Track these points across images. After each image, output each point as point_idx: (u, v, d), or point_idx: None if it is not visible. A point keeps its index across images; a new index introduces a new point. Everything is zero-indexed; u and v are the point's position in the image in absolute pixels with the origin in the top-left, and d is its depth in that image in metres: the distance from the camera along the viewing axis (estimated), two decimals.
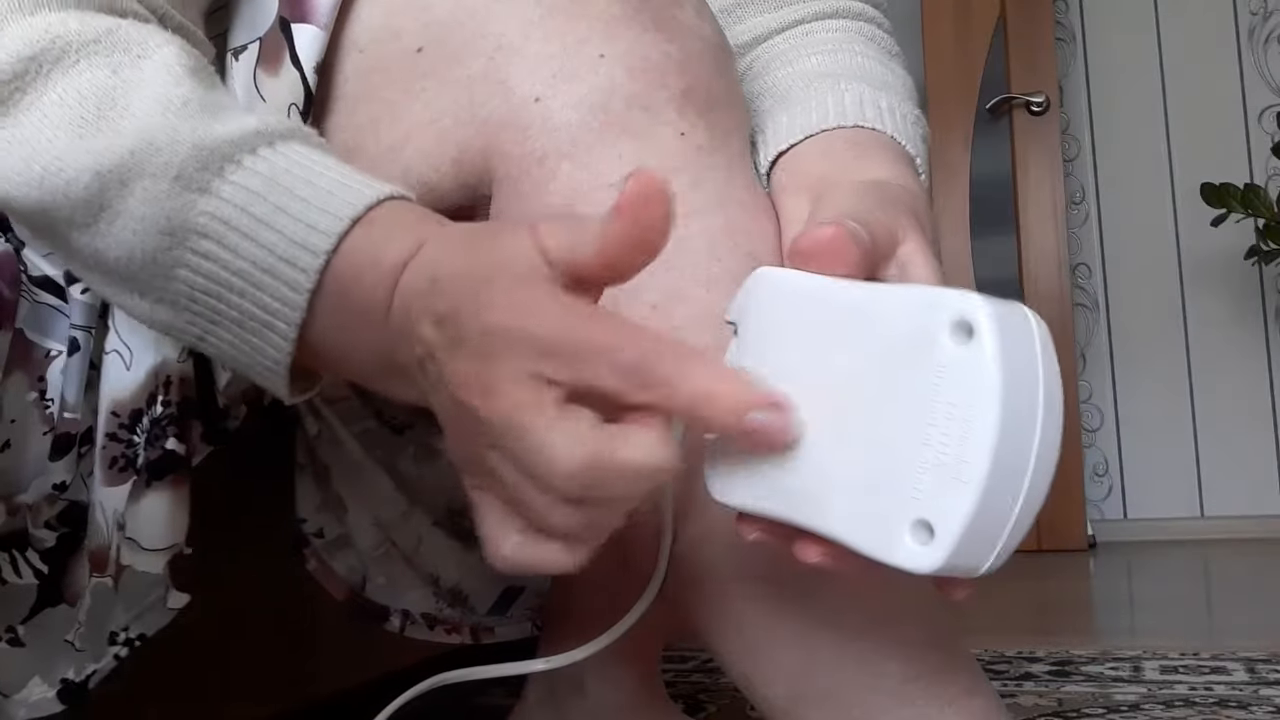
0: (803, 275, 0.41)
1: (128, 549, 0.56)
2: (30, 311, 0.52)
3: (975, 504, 0.35)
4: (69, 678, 0.58)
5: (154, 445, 0.54)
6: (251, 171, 0.43)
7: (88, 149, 0.43)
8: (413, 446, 0.69)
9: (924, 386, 0.36)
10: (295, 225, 0.42)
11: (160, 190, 0.43)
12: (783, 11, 0.65)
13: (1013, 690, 1.03)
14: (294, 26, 0.52)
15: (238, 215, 0.42)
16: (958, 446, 0.35)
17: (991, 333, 0.35)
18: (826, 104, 0.56)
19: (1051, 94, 2.79)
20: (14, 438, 0.50)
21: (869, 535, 0.38)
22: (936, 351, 0.36)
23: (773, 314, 0.42)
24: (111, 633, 0.59)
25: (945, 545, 0.35)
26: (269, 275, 0.42)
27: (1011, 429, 0.35)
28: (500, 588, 0.78)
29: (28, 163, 0.44)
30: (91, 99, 0.44)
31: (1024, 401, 0.35)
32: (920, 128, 0.58)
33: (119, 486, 0.55)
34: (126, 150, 0.43)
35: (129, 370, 0.54)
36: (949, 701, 0.50)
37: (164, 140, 0.43)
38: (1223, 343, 2.81)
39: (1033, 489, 0.36)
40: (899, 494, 0.37)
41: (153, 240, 0.43)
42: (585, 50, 0.49)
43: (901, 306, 0.38)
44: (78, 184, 0.43)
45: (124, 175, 0.43)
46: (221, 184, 0.43)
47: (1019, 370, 0.35)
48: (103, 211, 0.44)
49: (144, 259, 0.44)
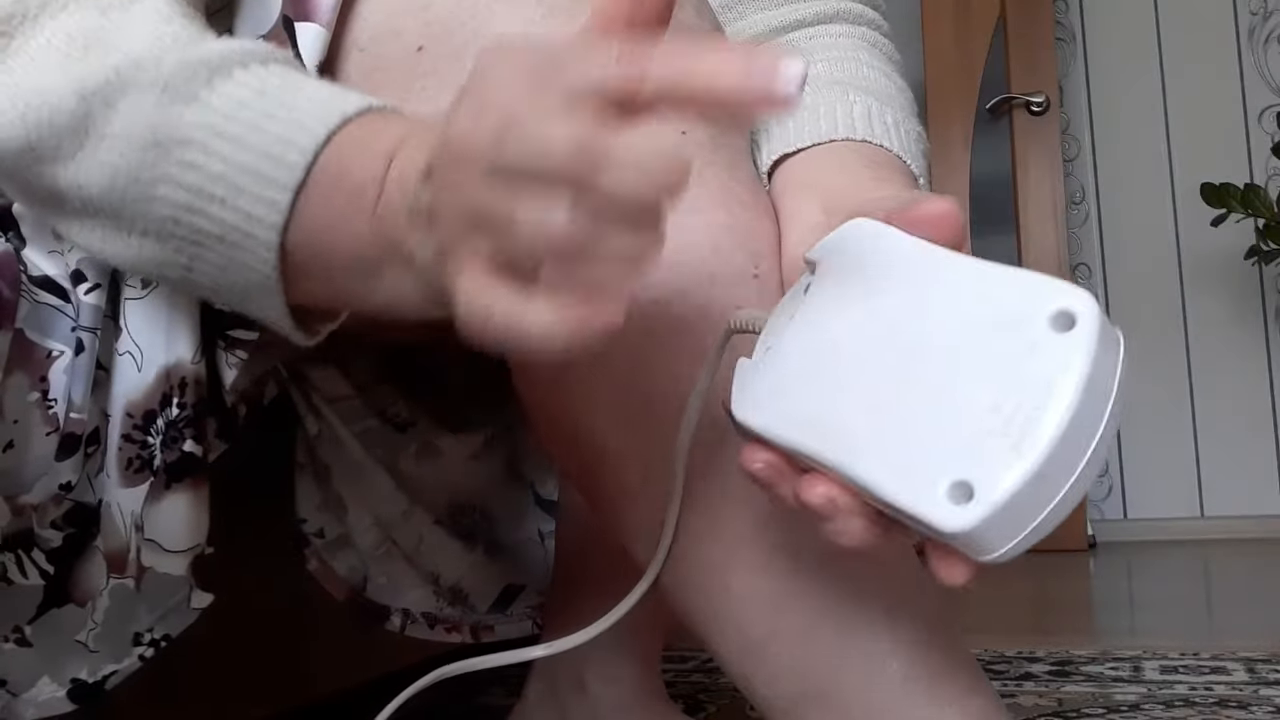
0: (906, 235, 0.41)
1: (149, 551, 0.56)
2: (31, 312, 0.52)
3: (1026, 478, 0.35)
4: (81, 678, 0.58)
5: (171, 447, 0.55)
6: (240, 83, 0.43)
7: (71, 74, 0.43)
8: (414, 445, 0.69)
9: (1009, 357, 0.36)
10: (282, 126, 0.42)
11: (146, 103, 0.43)
12: (783, 10, 0.65)
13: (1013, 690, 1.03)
14: (297, 25, 0.52)
15: (224, 123, 0.42)
16: (1025, 421, 0.35)
17: (1092, 329, 0.35)
18: (835, 113, 0.56)
19: (1051, 94, 2.79)
20: (17, 438, 0.50)
21: (900, 483, 0.37)
22: (1032, 330, 0.36)
23: (862, 260, 0.41)
24: (136, 634, 0.59)
25: (981, 511, 0.35)
26: (252, 176, 0.42)
27: (1079, 424, 0.35)
28: (500, 586, 0.78)
29: (13, 101, 0.44)
30: (79, 38, 0.44)
31: (1097, 406, 0.36)
32: (922, 144, 0.58)
33: (136, 488, 0.55)
34: (112, 69, 0.43)
35: (140, 371, 0.54)
36: (949, 701, 0.50)
37: (150, 58, 0.43)
38: (1223, 343, 2.81)
39: (1071, 491, 0.36)
40: (948, 450, 0.36)
41: (136, 156, 0.43)
42: None
43: (1009, 283, 0.38)
44: (62, 110, 0.43)
45: (108, 95, 0.43)
46: (210, 94, 0.42)
47: (1101, 375, 0.35)
48: (87, 136, 0.43)
49: (127, 180, 0.43)
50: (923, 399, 0.37)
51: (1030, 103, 2.79)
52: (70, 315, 0.53)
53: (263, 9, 0.53)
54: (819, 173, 0.53)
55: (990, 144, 2.88)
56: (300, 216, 0.42)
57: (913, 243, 0.41)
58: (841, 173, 0.53)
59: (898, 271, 0.40)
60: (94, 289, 0.54)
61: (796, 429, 0.40)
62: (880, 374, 0.38)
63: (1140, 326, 2.83)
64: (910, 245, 0.41)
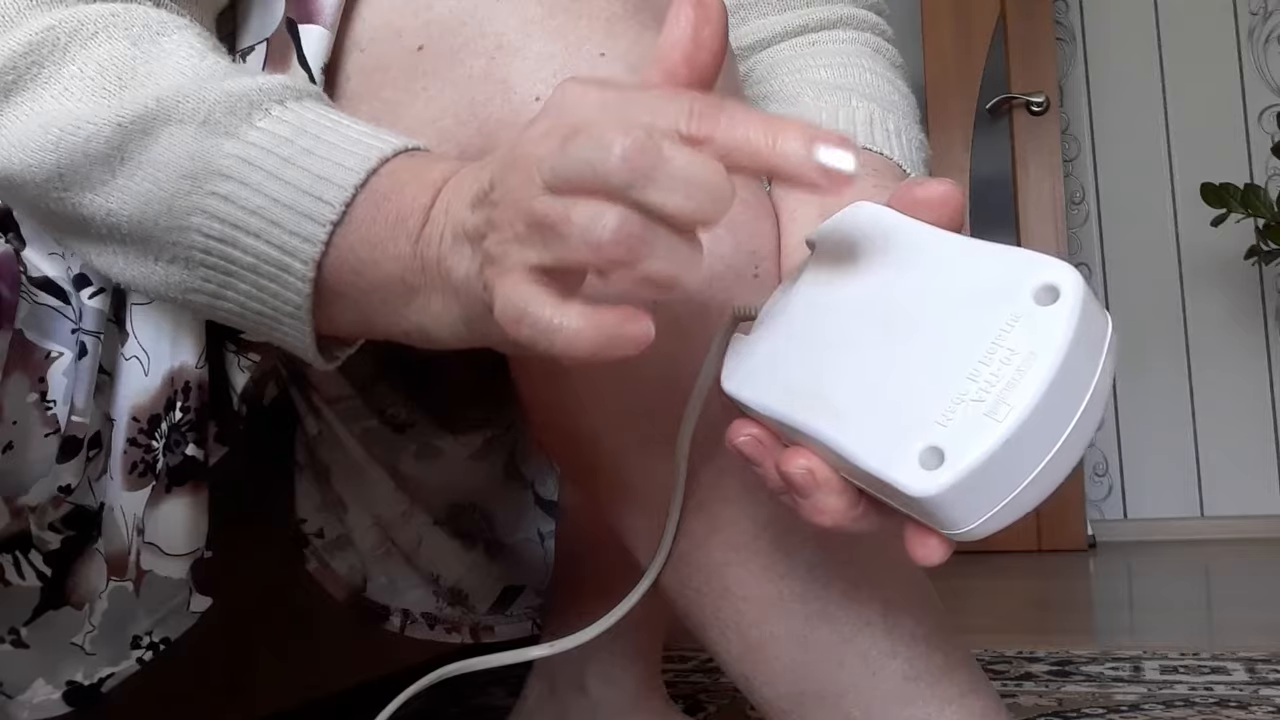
0: (902, 216, 0.41)
1: (149, 554, 0.56)
2: (30, 313, 0.51)
3: (997, 445, 0.35)
4: (77, 680, 0.58)
5: (174, 451, 0.55)
6: (279, 119, 0.44)
7: (107, 104, 0.44)
8: (413, 445, 0.69)
9: (991, 328, 0.36)
10: (322, 163, 0.43)
11: (186, 135, 0.43)
12: (786, 15, 0.65)
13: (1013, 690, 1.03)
14: (300, 27, 0.52)
15: (263, 156, 0.43)
16: (1003, 389, 0.35)
17: (1075, 302, 0.35)
18: (837, 120, 0.56)
19: (1051, 94, 2.79)
20: (16, 439, 0.50)
21: (875, 449, 0.37)
22: (1016, 303, 0.36)
23: (857, 241, 0.42)
24: (134, 636, 0.59)
25: (949, 476, 0.35)
26: (290, 210, 0.43)
27: (1058, 396, 0.35)
28: (500, 587, 0.78)
29: (45, 129, 0.45)
30: (112, 69, 0.45)
31: (1078, 382, 0.35)
32: (924, 152, 0.58)
33: (138, 491, 0.55)
34: (152, 99, 0.44)
35: (147, 376, 0.54)
36: (949, 701, 0.50)
37: (192, 89, 0.44)
38: (1223, 343, 2.81)
39: (1048, 470, 0.36)
40: (924, 417, 0.36)
41: (171, 186, 0.44)
42: (586, 49, 0.49)
43: (997, 258, 0.38)
44: (98, 138, 0.44)
45: (148, 124, 0.44)
46: (249, 129, 0.43)
47: (1083, 351, 0.35)
48: (123, 164, 0.44)
49: (159, 210, 0.44)
50: (904, 370, 0.37)
51: (1030, 103, 2.79)
52: (70, 317, 0.53)
53: (267, 13, 0.53)
54: None
55: (990, 144, 2.88)
56: (336, 248, 0.43)
57: (909, 223, 0.41)
58: None
59: (891, 251, 0.40)
60: (98, 293, 0.54)
61: (780, 400, 0.40)
62: (865, 347, 0.39)
63: (1140, 326, 2.83)
64: (906, 225, 0.41)
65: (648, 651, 0.79)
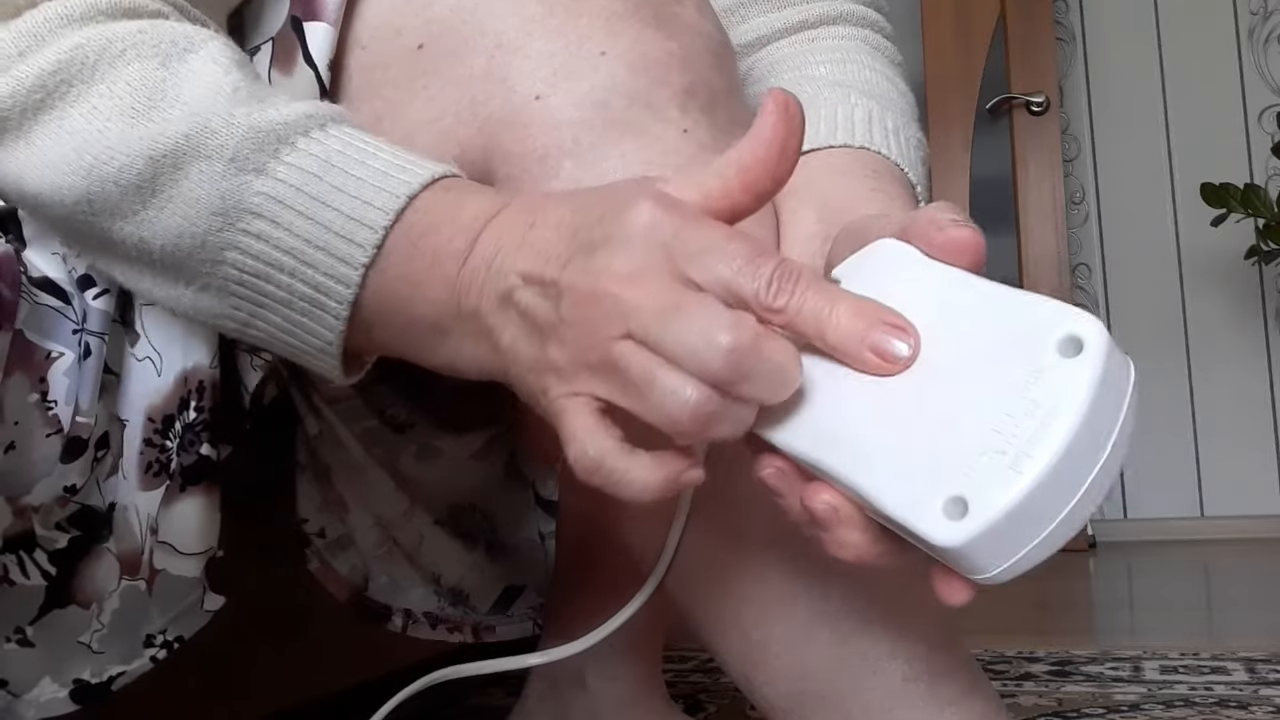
0: (927, 258, 0.42)
1: (162, 553, 0.56)
2: (30, 313, 0.51)
3: (1021, 498, 0.35)
4: (84, 678, 0.58)
5: (188, 450, 0.55)
6: (305, 153, 0.44)
7: (140, 135, 0.44)
8: (414, 445, 0.69)
9: (1016, 379, 0.37)
10: (352, 202, 0.43)
11: (215, 172, 0.43)
12: (786, 12, 0.65)
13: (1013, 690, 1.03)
14: (305, 25, 0.52)
15: (293, 195, 0.43)
16: (1026, 441, 0.35)
17: (1099, 355, 0.36)
18: (836, 117, 0.56)
19: (1051, 94, 2.79)
20: (18, 439, 0.50)
21: (899, 496, 0.37)
22: (1040, 354, 0.37)
23: (883, 281, 0.42)
24: (148, 635, 0.59)
25: (973, 527, 0.36)
26: (324, 251, 0.43)
27: (1080, 448, 0.35)
28: (501, 587, 0.78)
29: (79, 153, 0.45)
30: (141, 90, 0.45)
31: (1100, 432, 0.36)
32: (922, 150, 0.58)
33: (153, 491, 0.55)
34: (181, 134, 0.44)
35: (160, 376, 0.54)
36: (949, 701, 0.50)
37: (219, 124, 0.44)
38: (1223, 343, 2.81)
39: (1070, 516, 0.36)
40: (949, 467, 0.37)
41: (204, 222, 0.44)
42: (586, 48, 0.49)
43: (1020, 307, 0.38)
44: (130, 170, 0.44)
45: (178, 159, 0.44)
46: (277, 165, 0.43)
47: (1106, 402, 0.36)
48: (154, 196, 0.44)
49: (192, 244, 0.44)
50: (930, 417, 0.38)
51: (1030, 103, 2.79)
52: (71, 318, 0.53)
53: (272, 11, 0.53)
54: (817, 181, 0.53)
55: (990, 144, 2.88)
56: (371, 287, 0.43)
57: (933, 266, 0.42)
58: (839, 182, 0.53)
59: (915, 293, 0.41)
60: (103, 294, 0.54)
61: (808, 440, 0.40)
62: (892, 391, 0.39)
63: (1140, 326, 2.83)
64: (930, 269, 0.42)
65: (648, 651, 0.79)
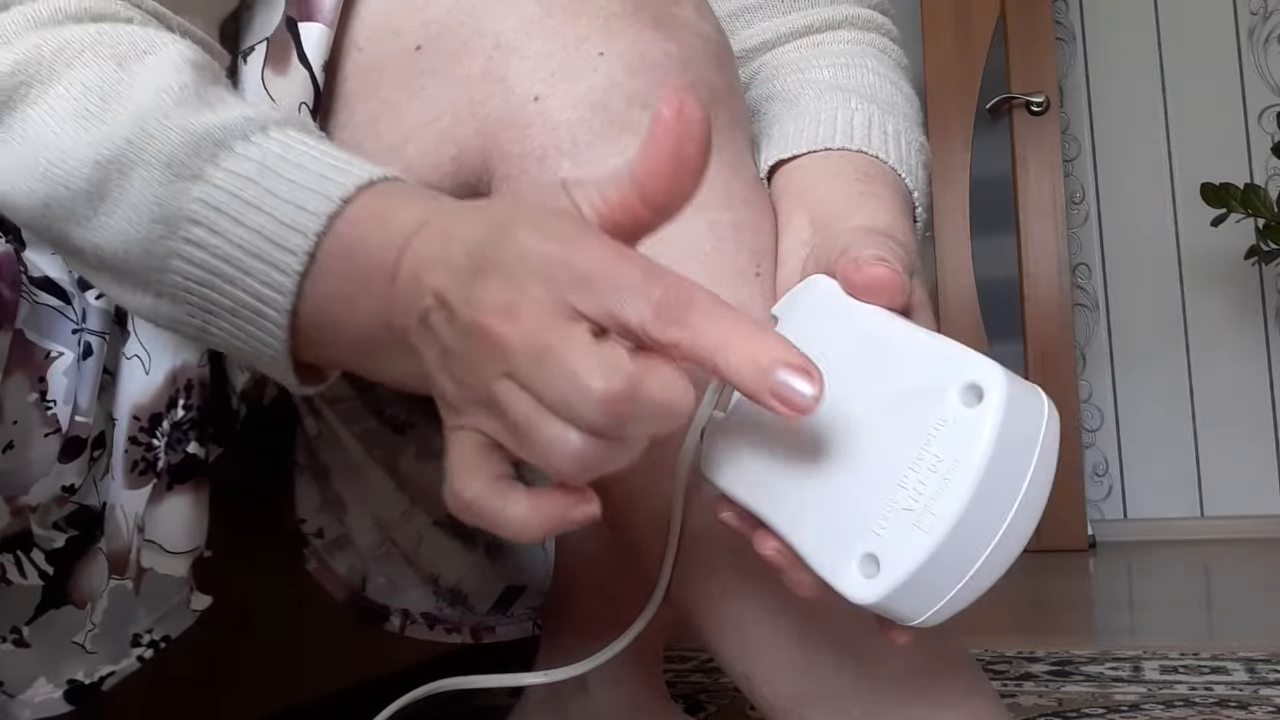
0: (851, 300, 0.42)
1: (149, 552, 0.56)
2: (30, 312, 0.51)
3: (926, 557, 0.36)
4: (78, 679, 0.58)
5: (175, 449, 0.55)
6: (243, 157, 0.42)
7: (89, 140, 0.43)
8: (413, 446, 0.69)
9: (919, 433, 0.37)
10: (284, 207, 0.41)
11: (154, 177, 0.43)
12: (791, 17, 0.65)
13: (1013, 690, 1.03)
14: (301, 25, 0.52)
15: (228, 200, 0.42)
16: (929, 499, 0.36)
17: (998, 405, 0.36)
18: (835, 121, 0.56)
19: (1051, 94, 2.79)
20: (16, 439, 0.50)
21: (822, 552, 0.39)
22: (943, 405, 0.37)
23: (814, 322, 0.43)
24: (134, 635, 0.59)
25: (885, 585, 0.37)
26: (258, 260, 0.42)
27: (985, 500, 0.36)
28: (500, 587, 0.78)
29: (35, 157, 0.44)
30: (96, 91, 0.44)
31: (1008, 480, 0.36)
32: (924, 155, 0.58)
33: (139, 490, 0.55)
34: (124, 139, 0.43)
35: (148, 374, 0.54)
36: (949, 702, 0.50)
37: (156, 127, 0.43)
38: (1223, 343, 2.81)
39: (989, 564, 0.37)
40: (863, 524, 0.37)
41: (145, 229, 0.43)
42: (584, 48, 0.49)
43: (928, 354, 0.38)
44: (79, 175, 0.43)
45: (122, 164, 0.43)
46: (214, 170, 0.42)
47: (1013, 449, 0.36)
48: (102, 202, 0.44)
49: (140, 251, 0.44)
50: (845, 467, 0.38)
51: (1030, 103, 2.79)
52: (71, 317, 0.53)
53: (267, 12, 0.53)
54: (811, 184, 0.53)
55: (990, 144, 2.88)
56: (309, 296, 0.42)
57: (858, 308, 0.42)
58: (832, 186, 0.53)
59: (836, 336, 0.42)
60: (103, 294, 0.54)
61: (748, 490, 0.42)
62: (811, 437, 0.40)
63: (1140, 326, 2.83)
64: (852, 310, 0.42)
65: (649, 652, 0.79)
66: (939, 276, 2.86)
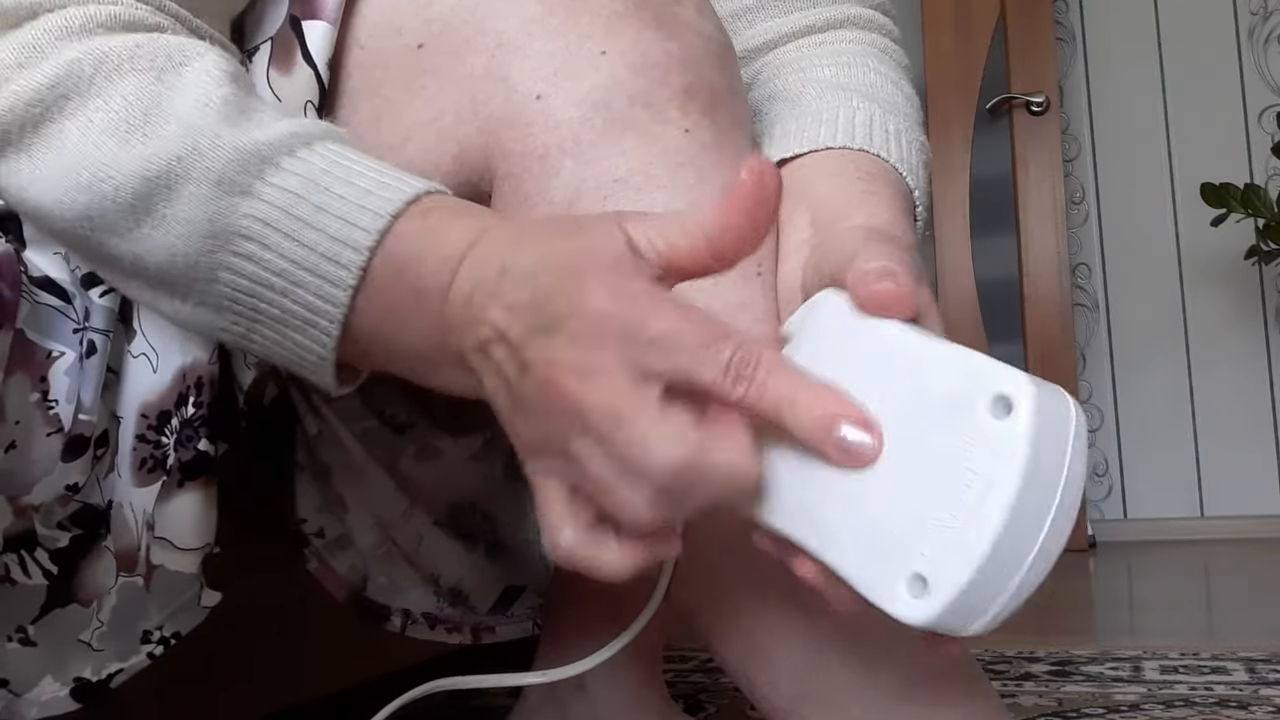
0: (862, 315, 0.42)
1: (159, 549, 0.56)
2: (31, 312, 0.51)
3: (974, 572, 0.36)
4: (85, 677, 0.58)
5: (186, 446, 0.55)
6: (290, 173, 0.44)
7: (135, 155, 0.44)
8: (413, 446, 0.69)
9: (953, 448, 0.37)
10: (337, 223, 0.43)
11: (203, 194, 0.44)
12: (794, 16, 0.65)
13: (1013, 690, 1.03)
14: (304, 23, 0.52)
15: (279, 216, 0.43)
16: (969, 513, 0.36)
17: (1029, 414, 0.36)
18: (837, 120, 0.56)
19: (1051, 94, 2.79)
20: (19, 439, 0.50)
21: (869, 576, 0.38)
22: (972, 419, 0.37)
23: (829, 341, 0.43)
24: (145, 631, 0.59)
25: (937, 604, 0.37)
26: (310, 273, 0.43)
27: (1025, 509, 0.36)
28: (501, 587, 0.78)
29: (77, 170, 0.45)
30: (137, 104, 0.45)
31: (1044, 487, 0.36)
32: (924, 154, 0.58)
33: (148, 487, 0.55)
34: (173, 156, 0.44)
35: (156, 373, 0.54)
36: (949, 702, 0.50)
37: (206, 145, 0.44)
38: (1223, 343, 2.81)
39: (1034, 569, 0.37)
40: (905, 544, 0.37)
41: (196, 244, 0.44)
42: (587, 47, 0.49)
43: (950, 366, 0.38)
44: (125, 189, 0.44)
45: (170, 180, 0.44)
46: (262, 186, 0.43)
47: (1046, 456, 0.36)
48: (148, 215, 0.44)
49: (186, 263, 0.45)
50: (884, 489, 0.38)
51: (1030, 103, 2.79)
52: (72, 317, 0.53)
53: (272, 11, 0.53)
54: (811, 183, 0.54)
55: (990, 144, 2.87)
56: (360, 310, 0.44)
57: (868, 323, 0.42)
58: (832, 185, 0.53)
59: (858, 357, 0.41)
60: (108, 292, 0.54)
61: (783, 517, 0.41)
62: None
63: (1140, 326, 2.83)
64: (866, 327, 0.42)
65: (649, 651, 0.79)
66: (939, 276, 2.86)
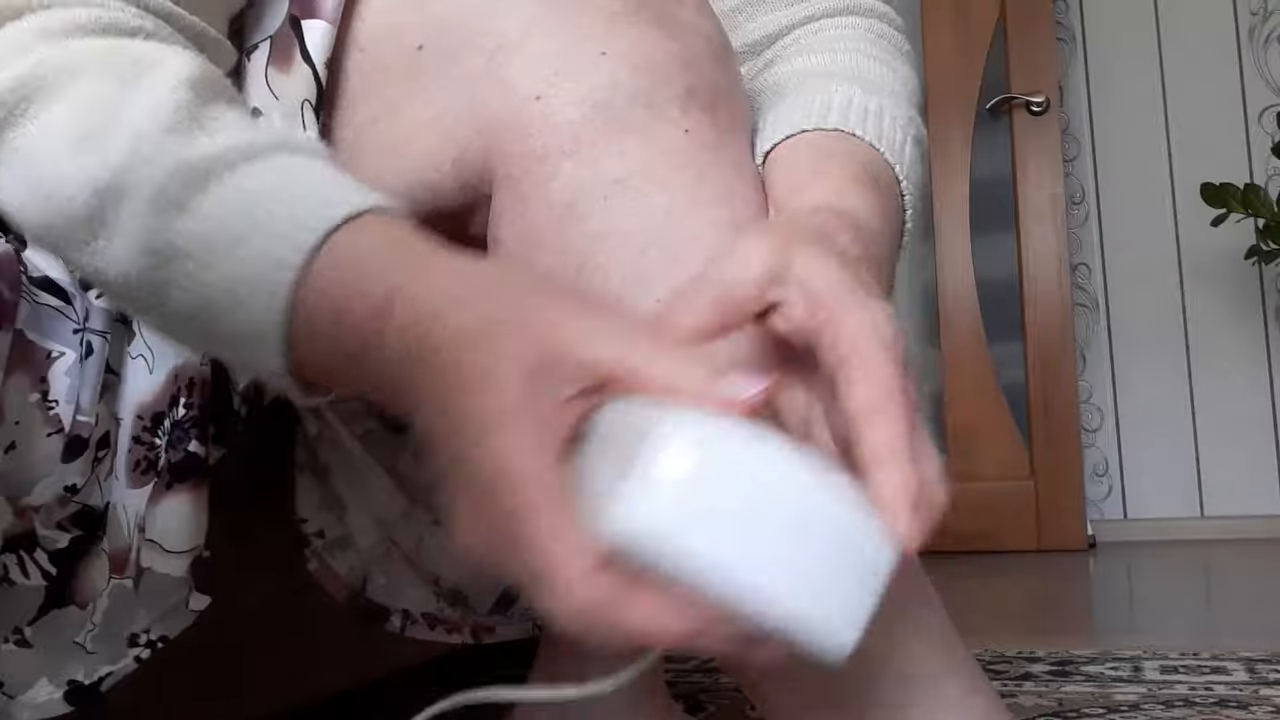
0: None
1: (149, 551, 0.56)
2: (31, 313, 0.51)
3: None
4: (78, 679, 0.58)
5: (176, 448, 0.55)
6: (230, 187, 0.42)
7: (83, 165, 0.43)
8: (413, 446, 0.69)
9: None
10: (269, 241, 0.41)
11: (142, 210, 0.42)
12: (794, 9, 0.65)
13: (1013, 690, 1.03)
14: (304, 23, 0.52)
15: (216, 233, 0.42)
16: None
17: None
18: (812, 105, 0.56)
19: (1051, 94, 2.79)
20: (19, 439, 0.50)
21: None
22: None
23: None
24: (132, 634, 0.59)
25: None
26: (249, 289, 0.42)
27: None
28: (501, 588, 0.78)
29: (38, 179, 0.44)
30: (95, 109, 0.44)
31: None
32: (912, 129, 0.58)
33: (141, 489, 0.55)
34: (120, 166, 0.43)
35: (152, 373, 0.54)
36: (950, 701, 0.50)
37: (149, 154, 0.42)
38: (1223, 343, 2.81)
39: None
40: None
41: (142, 260, 0.43)
42: (586, 48, 0.49)
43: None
44: (77, 201, 0.43)
45: (116, 193, 0.43)
46: (202, 199, 0.42)
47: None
48: (103, 227, 0.43)
49: (138, 279, 0.44)
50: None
51: (1030, 103, 2.79)
52: (72, 317, 0.53)
53: (272, 9, 0.53)
54: (778, 171, 0.54)
55: (990, 144, 2.87)
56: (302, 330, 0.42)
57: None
58: (788, 171, 0.53)
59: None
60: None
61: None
62: None
63: (1140, 326, 2.83)
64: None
65: None
66: (939, 276, 2.86)
